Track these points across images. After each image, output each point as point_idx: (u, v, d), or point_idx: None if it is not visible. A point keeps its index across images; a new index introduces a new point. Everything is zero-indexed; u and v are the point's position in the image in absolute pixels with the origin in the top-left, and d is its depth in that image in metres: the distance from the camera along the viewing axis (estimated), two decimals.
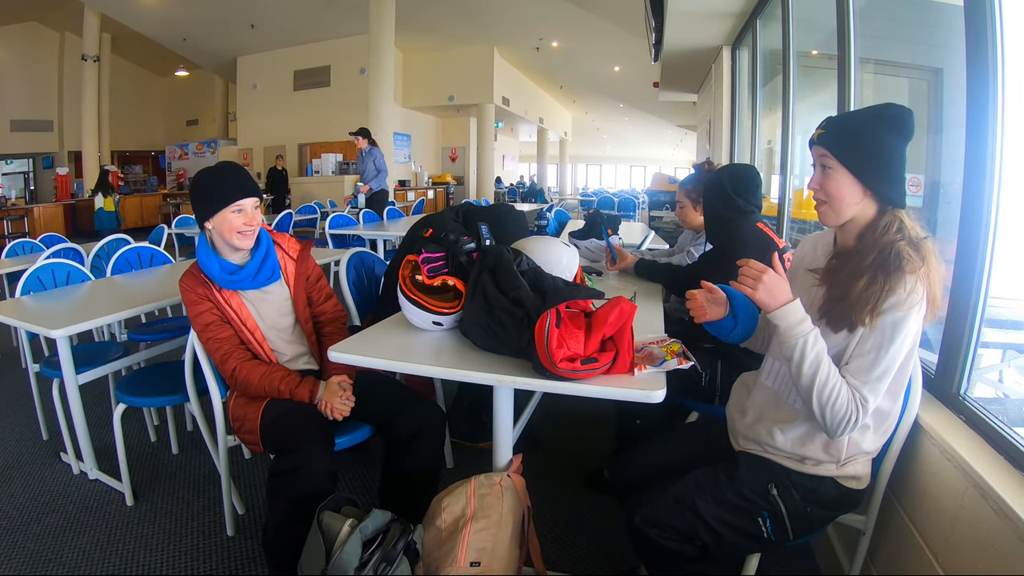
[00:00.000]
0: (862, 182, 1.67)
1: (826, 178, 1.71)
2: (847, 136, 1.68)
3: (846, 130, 1.70)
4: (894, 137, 1.65)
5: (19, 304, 3.27)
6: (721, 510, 1.79)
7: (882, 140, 1.65)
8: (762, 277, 1.65)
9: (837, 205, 1.71)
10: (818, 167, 1.74)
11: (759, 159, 7.02)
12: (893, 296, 1.57)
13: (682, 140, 31.74)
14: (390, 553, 1.76)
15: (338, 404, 2.31)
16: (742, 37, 7.60)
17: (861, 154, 1.66)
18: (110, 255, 4.26)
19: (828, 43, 3.94)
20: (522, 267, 2.04)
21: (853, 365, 1.64)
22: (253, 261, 2.44)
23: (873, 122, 1.67)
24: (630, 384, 1.74)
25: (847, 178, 1.68)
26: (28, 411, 3.90)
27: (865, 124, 1.68)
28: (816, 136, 1.74)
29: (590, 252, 3.69)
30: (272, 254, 2.49)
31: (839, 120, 1.74)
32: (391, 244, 6.80)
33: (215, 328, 2.39)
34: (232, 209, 2.32)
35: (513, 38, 18.19)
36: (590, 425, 3.69)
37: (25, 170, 18.29)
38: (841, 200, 1.70)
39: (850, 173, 1.68)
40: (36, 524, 2.81)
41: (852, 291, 1.63)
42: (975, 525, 1.59)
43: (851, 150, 1.67)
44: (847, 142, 1.68)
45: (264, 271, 2.45)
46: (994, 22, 1.86)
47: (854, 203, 1.70)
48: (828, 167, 1.71)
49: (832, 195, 1.71)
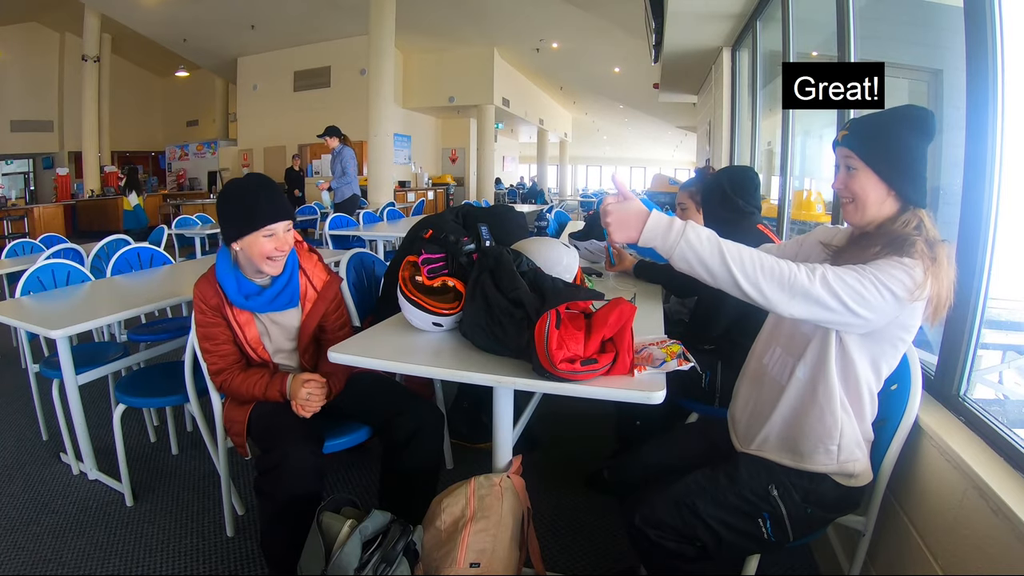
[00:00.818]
0: (886, 181, 1.69)
1: (851, 178, 1.73)
2: (871, 136, 1.70)
3: (870, 131, 1.71)
4: (917, 137, 1.67)
5: (19, 304, 3.27)
6: (721, 511, 1.79)
7: (905, 140, 1.67)
8: (606, 213, 1.62)
9: (862, 204, 1.72)
10: (842, 167, 1.76)
11: (759, 160, 7.03)
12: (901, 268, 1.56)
13: (682, 141, 31.75)
14: (390, 554, 1.76)
15: (301, 398, 2.25)
16: (742, 38, 7.61)
17: (885, 154, 1.68)
18: (110, 255, 4.25)
19: (828, 44, 3.95)
20: (522, 268, 2.04)
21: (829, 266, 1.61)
22: (274, 286, 2.35)
23: (897, 122, 1.69)
24: (630, 385, 1.73)
25: (871, 178, 1.69)
26: (28, 411, 3.90)
27: (889, 125, 1.70)
28: (840, 137, 1.76)
29: (590, 253, 3.70)
30: (295, 281, 2.39)
31: (863, 121, 1.75)
32: (391, 245, 6.80)
33: (217, 343, 2.37)
34: (264, 233, 2.21)
35: (513, 39, 18.18)
36: (590, 426, 3.69)
37: (25, 170, 18.31)
38: (866, 198, 1.71)
39: (874, 173, 1.69)
40: (36, 524, 2.81)
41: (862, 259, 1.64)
42: (974, 526, 1.59)
43: (876, 150, 1.69)
44: (872, 142, 1.69)
45: (283, 298, 2.37)
46: (994, 23, 1.87)
47: (878, 202, 1.71)
48: (853, 167, 1.72)
49: (857, 194, 1.72)
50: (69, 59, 17.21)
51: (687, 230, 1.56)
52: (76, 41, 16.55)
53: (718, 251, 1.56)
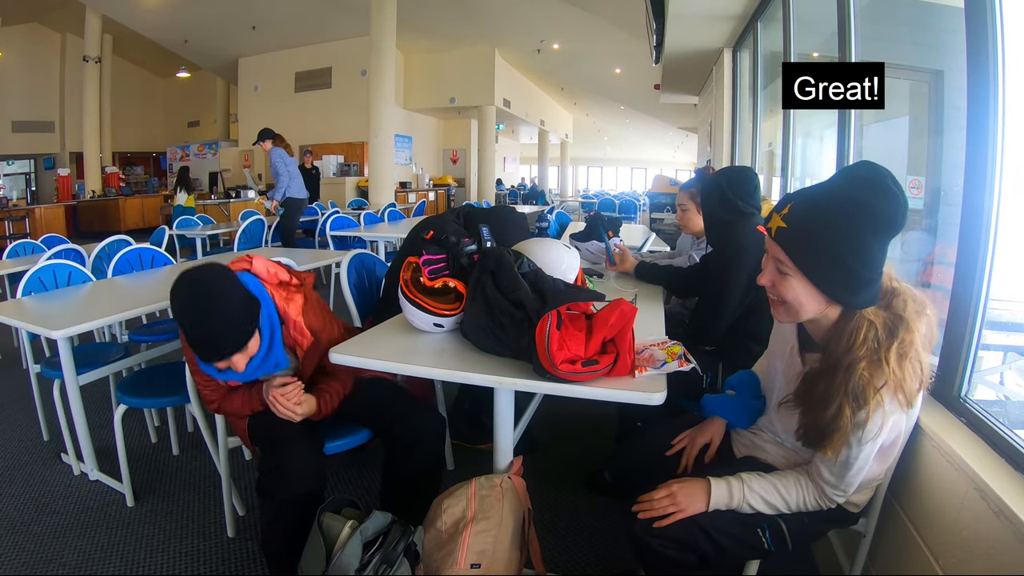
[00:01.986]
0: (826, 294, 1.48)
1: (782, 282, 1.51)
2: (811, 240, 1.44)
3: (810, 232, 1.43)
4: (874, 236, 1.40)
5: (20, 305, 3.27)
6: (721, 521, 1.79)
7: (858, 243, 1.40)
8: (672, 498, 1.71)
9: (794, 311, 1.53)
10: (772, 262, 1.53)
11: (760, 161, 7.03)
12: (862, 432, 1.51)
13: (683, 142, 31.71)
14: (390, 555, 1.76)
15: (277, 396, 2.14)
16: (743, 39, 7.61)
17: (827, 265, 1.44)
18: (111, 256, 4.25)
19: (829, 45, 3.95)
20: (523, 269, 2.04)
21: (822, 467, 1.65)
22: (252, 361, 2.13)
23: (849, 219, 1.39)
24: (631, 386, 1.74)
25: (806, 287, 1.48)
26: (29, 412, 3.89)
27: (837, 222, 1.40)
28: (774, 230, 1.50)
29: (591, 254, 3.69)
30: (276, 345, 2.17)
31: (804, 214, 1.46)
32: (392, 246, 6.81)
33: (207, 378, 2.27)
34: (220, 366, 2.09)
35: (514, 40, 18.19)
36: (591, 427, 3.68)
37: (26, 171, 18.30)
38: (800, 307, 1.51)
39: (811, 283, 1.47)
40: (36, 524, 2.81)
41: (821, 420, 1.54)
42: (976, 527, 1.59)
43: (815, 259, 1.45)
44: (811, 248, 1.44)
45: (266, 366, 2.16)
46: (995, 24, 1.86)
47: (816, 310, 1.51)
48: (785, 272, 1.50)
49: (789, 301, 1.52)
50: (70, 60, 17.23)
51: (745, 493, 1.70)
52: (77, 42, 16.57)
53: (775, 505, 1.70)
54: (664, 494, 1.69)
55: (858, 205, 1.38)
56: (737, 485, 1.67)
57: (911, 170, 3.72)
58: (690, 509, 1.67)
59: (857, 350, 1.45)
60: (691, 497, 1.67)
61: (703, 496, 1.68)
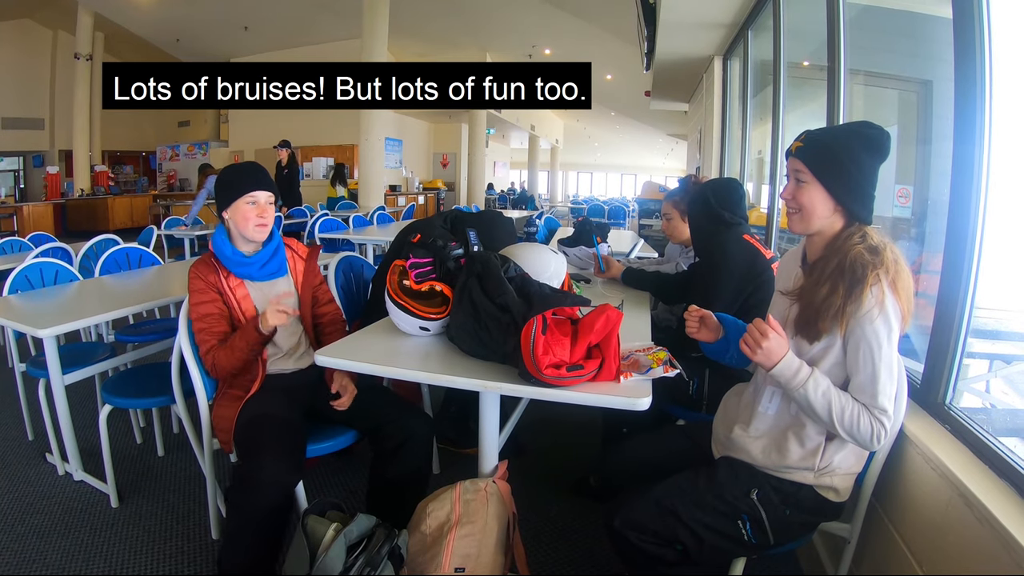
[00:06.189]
0: (834, 198, 1.73)
1: (800, 190, 1.76)
2: (825, 152, 1.73)
3: (824, 146, 1.74)
4: (870, 156, 1.71)
5: (6, 303, 3.24)
6: (701, 512, 1.81)
7: (858, 159, 1.71)
8: (761, 343, 1.68)
9: (808, 216, 1.77)
10: (792, 178, 1.79)
11: (749, 169, 7.06)
12: (861, 307, 1.61)
13: (673, 149, 31.87)
14: (374, 558, 1.76)
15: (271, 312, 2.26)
16: (733, 47, 7.64)
17: (836, 171, 1.71)
18: (99, 255, 4.23)
19: (818, 54, 3.97)
20: (510, 273, 2.04)
21: (855, 383, 1.67)
22: (263, 252, 2.50)
23: (851, 140, 1.73)
24: (616, 391, 1.74)
25: (820, 192, 1.74)
26: (13, 411, 3.87)
27: (843, 141, 1.73)
28: (794, 148, 1.79)
29: (579, 259, 3.70)
30: (281, 251, 2.57)
31: (818, 135, 1.78)
32: (380, 249, 6.79)
33: (212, 321, 2.39)
34: (246, 200, 2.41)
35: (505, 44, 18.20)
36: (576, 432, 3.68)
37: (15, 168, 18.19)
38: (812, 212, 1.75)
39: (823, 188, 1.73)
40: (20, 524, 2.79)
41: (816, 299, 1.69)
42: (960, 533, 1.60)
43: (827, 166, 1.72)
44: (824, 158, 1.73)
45: (272, 264, 2.52)
46: (982, 35, 1.88)
47: (824, 216, 1.76)
48: (802, 180, 1.76)
49: (804, 206, 1.76)
50: (61, 57, 17.10)
51: (810, 381, 1.67)
52: (68, 39, 16.45)
53: (827, 407, 1.66)
54: (763, 331, 1.68)
55: (857, 134, 1.73)
56: (807, 368, 1.68)
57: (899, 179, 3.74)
58: (771, 353, 1.68)
59: (855, 244, 1.68)
60: (776, 348, 1.68)
61: (781, 355, 1.68)
